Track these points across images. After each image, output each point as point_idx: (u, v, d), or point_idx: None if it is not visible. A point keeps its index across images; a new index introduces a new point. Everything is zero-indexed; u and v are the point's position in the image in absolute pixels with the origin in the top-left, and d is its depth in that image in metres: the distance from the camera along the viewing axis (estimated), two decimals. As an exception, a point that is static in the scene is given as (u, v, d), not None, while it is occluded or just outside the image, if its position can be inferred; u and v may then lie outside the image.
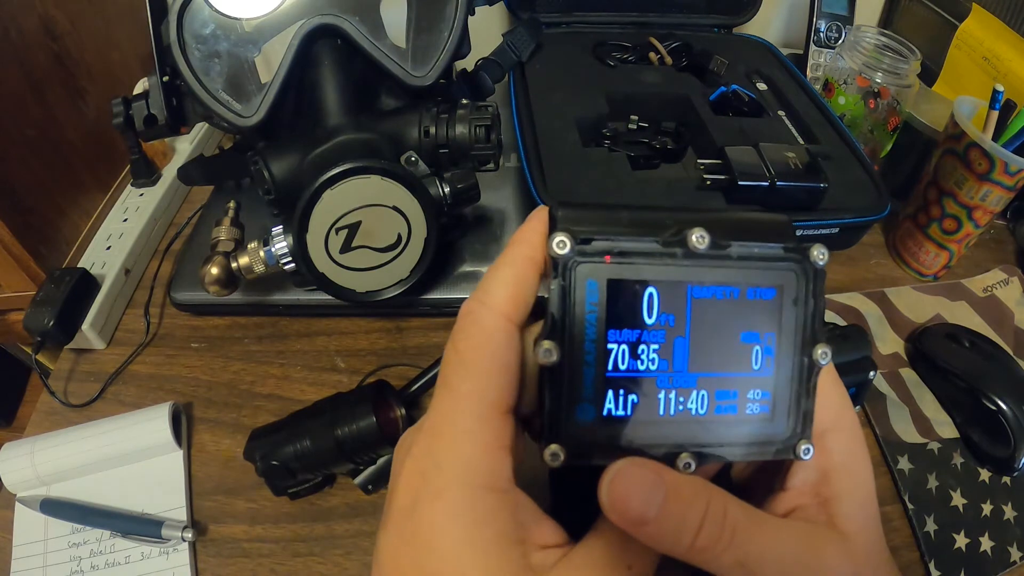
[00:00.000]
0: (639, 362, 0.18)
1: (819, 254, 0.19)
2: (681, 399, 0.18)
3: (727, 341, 0.19)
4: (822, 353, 0.19)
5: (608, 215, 0.19)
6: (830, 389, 0.20)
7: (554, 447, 0.18)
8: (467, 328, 0.18)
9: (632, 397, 0.18)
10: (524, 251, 0.19)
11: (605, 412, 0.18)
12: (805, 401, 0.19)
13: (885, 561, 0.19)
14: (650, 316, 0.18)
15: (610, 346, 0.18)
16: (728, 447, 0.19)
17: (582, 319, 0.18)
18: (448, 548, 0.16)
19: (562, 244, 0.17)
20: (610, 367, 0.18)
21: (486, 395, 0.18)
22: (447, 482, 0.17)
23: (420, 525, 0.17)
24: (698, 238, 0.18)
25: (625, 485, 0.16)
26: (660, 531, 0.16)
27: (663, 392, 0.18)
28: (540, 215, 0.20)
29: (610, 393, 0.18)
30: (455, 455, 0.17)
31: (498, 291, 0.19)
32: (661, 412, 0.18)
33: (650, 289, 0.18)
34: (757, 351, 0.19)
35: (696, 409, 0.18)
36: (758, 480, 0.21)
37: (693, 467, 0.18)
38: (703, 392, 0.18)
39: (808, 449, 0.19)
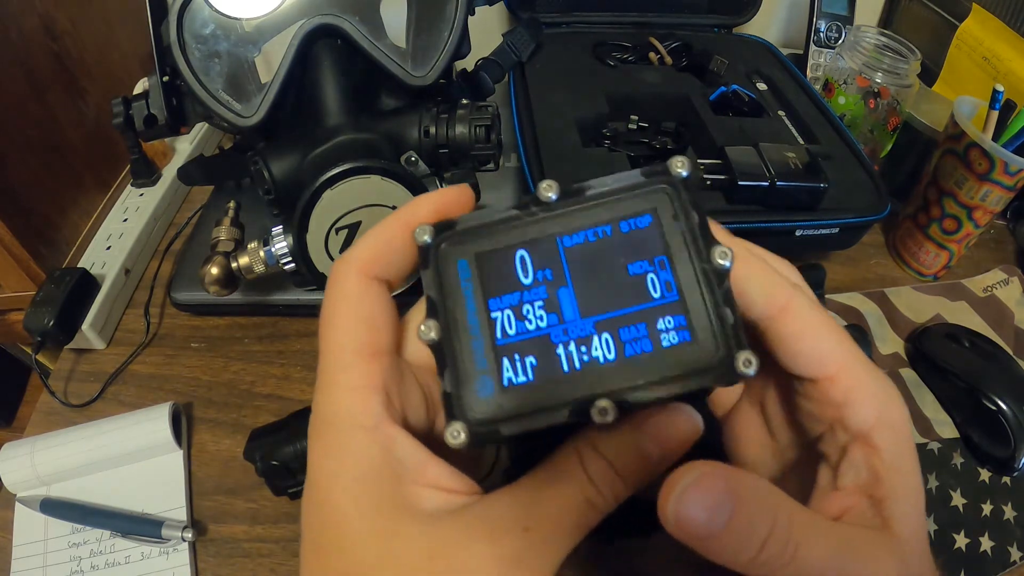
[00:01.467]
0: (527, 323, 0.17)
1: (679, 164, 0.18)
2: (583, 349, 0.17)
3: (615, 278, 0.18)
4: (721, 253, 0.17)
5: (477, 211, 0.19)
6: (871, 381, 0.18)
7: (455, 425, 0.17)
8: (329, 290, 0.19)
9: (529, 359, 0.17)
10: (400, 215, 0.20)
11: (505, 382, 0.17)
12: (728, 312, 0.17)
13: (931, 564, 0.18)
14: (526, 276, 0.18)
15: (493, 315, 0.18)
16: (654, 386, 0.17)
17: (460, 297, 0.18)
18: (323, 484, 0.17)
19: (423, 231, 0.19)
20: (499, 335, 0.17)
21: (347, 345, 0.18)
22: (321, 425, 0.18)
23: (311, 472, 0.18)
24: (546, 187, 0.18)
25: (694, 499, 0.15)
26: (723, 546, 0.15)
27: (560, 346, 0.17)
28: (433, 195, 0.20)
29: (505, 361, 0.17)
30: (326, 402, 0.18)
31: (361, 250, 0.19)
32: (566, 368, 0.17)
33: (519, 252, 0.18)
34: (652, 279, 0.17)
35: (603, 356, 0.17)
36: (801, 473, 0.20)
37: (611, 415, 0.16)
38: (605, 335, 0.17)
39: (749, 361, 0.17)
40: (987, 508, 0.43)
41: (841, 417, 0.18)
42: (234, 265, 0.43)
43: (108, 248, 0.55)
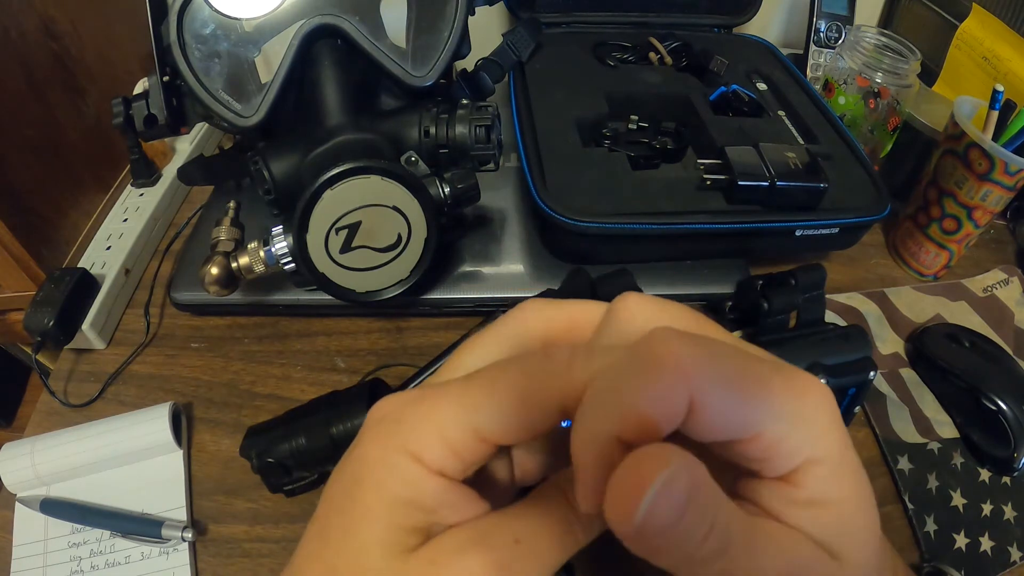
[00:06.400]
0: None
1: None
2: None
3: None
4: None
5: None
6: (789, 440, 0.15)
7: None
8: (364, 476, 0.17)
9: None
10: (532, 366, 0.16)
11: None
12: None
13: None
14: None
15: None
16: None
17: None
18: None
19: None
20: None
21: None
22: None
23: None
24: None
25: (664, 504, 0.13)
26: (669, 543, 0.13)
27: None
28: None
29: None
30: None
31: (447, 428, 0.16)
32: None
33: None
34: None
35: None
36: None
37: None
38: None
39: None
40: (987, 508, 0.43)
41: (763, 468, 0.16)
42: (234, 265, 0.43)
43: (108, 248, 0.55)
